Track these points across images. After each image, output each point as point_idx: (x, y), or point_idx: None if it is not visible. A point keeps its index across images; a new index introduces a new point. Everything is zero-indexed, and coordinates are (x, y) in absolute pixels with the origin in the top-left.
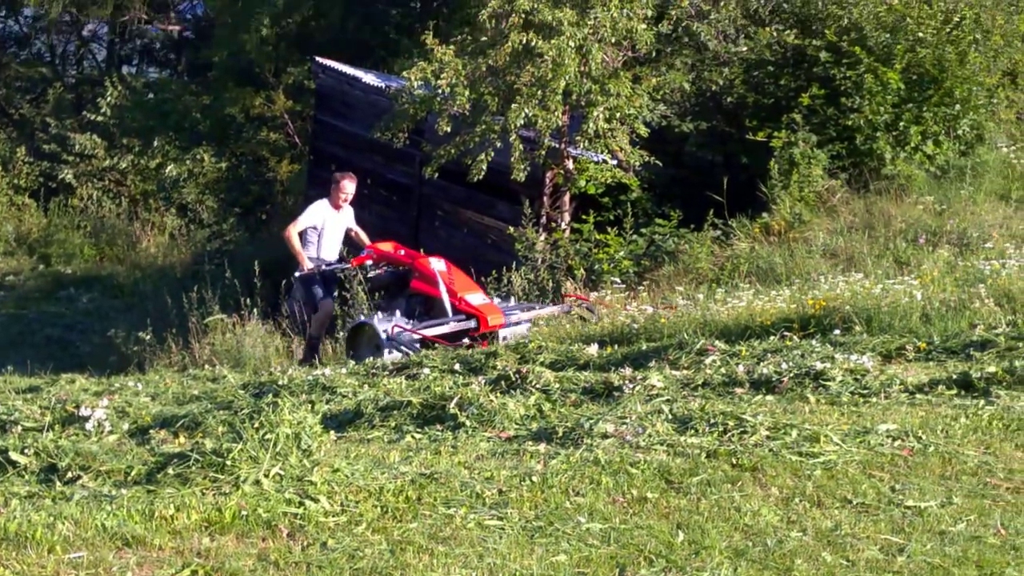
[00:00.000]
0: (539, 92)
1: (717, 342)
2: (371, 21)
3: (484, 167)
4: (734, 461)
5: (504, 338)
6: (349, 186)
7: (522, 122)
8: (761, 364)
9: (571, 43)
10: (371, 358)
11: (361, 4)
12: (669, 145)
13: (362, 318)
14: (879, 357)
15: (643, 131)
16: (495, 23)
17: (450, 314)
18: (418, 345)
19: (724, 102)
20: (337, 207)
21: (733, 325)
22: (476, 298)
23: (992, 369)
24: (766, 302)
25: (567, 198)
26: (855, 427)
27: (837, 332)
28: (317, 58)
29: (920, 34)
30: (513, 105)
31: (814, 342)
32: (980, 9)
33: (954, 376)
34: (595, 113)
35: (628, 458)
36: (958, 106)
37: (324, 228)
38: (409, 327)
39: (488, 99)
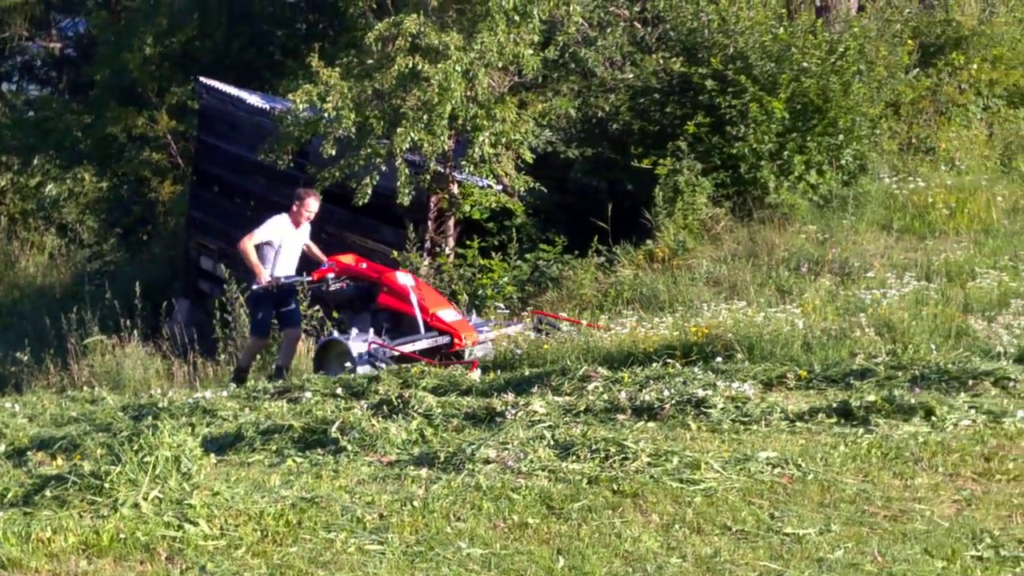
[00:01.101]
0: (425, 116)
1: (600, 368)
2: (256, 42)
3: (369, 191)
4: (615, 487)
5: (470, 353)
6: (314, 204)
7: (408, 146)
8: (643, 391)
9: (457, 67)
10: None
11: (246, 24)
12: (554, 171)
13: (335, 335)
14: (760, 385)
15: (528, 157)
16: (381, 46)
17: (422, 330)
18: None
19: (610, 128)
20: (297, 225)
21: (616, 352)
22: (448, 314)
23: (872, 398)
24: (649, 329)
25: (452, 223)
26: (735, 454)
27: (719, 360)
28: (201, 78)
29: (805, 64)
30: (399, 129)
31: (696, 369)
32: (864, 40)
33: (834, 404)
34: (481, 138)
35: (509, 483)
36: (841, 136)
37: (282, 245)
38: (388, 344)
39: (374, 122)
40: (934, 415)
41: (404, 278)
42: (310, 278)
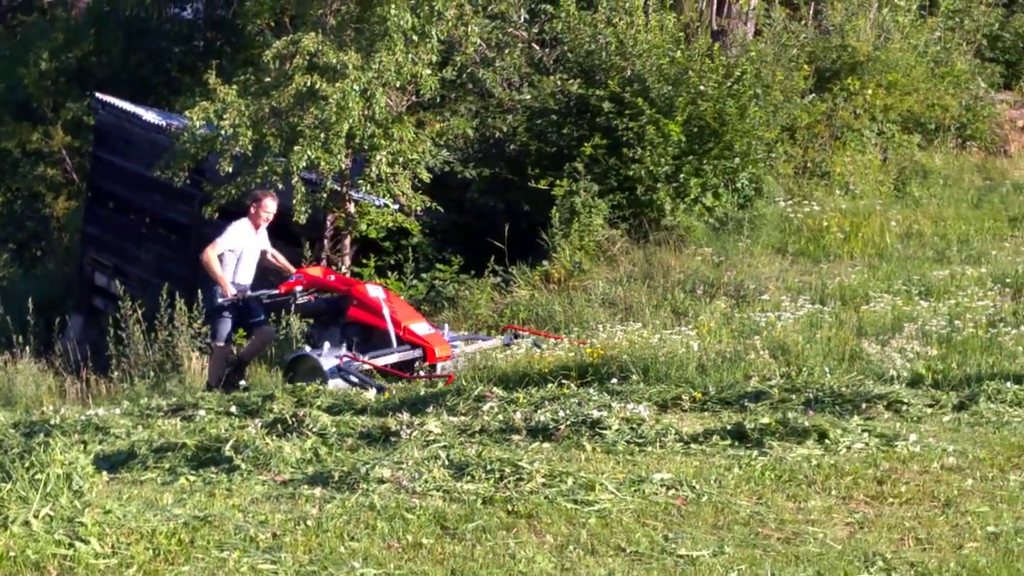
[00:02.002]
0: (322, 134)
1: (495, 389)
2: (153, 58)
3: None
4: (510, 508)
5: (443, 368)
6: (271, 204)
7: (304, 164)
8: (538, 411)
9: (355, 86)
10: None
11: (143, 41)
12: (451, 191)
13: (306, 349)
14: (655, 406)
15: (426, 176)
16: (279, 64)
17: (394, 344)
18: (372, 377)
19: (507, 149)
20: (256, 227)
21: (511, 372)
22: (421, 327)
23: (766, 420)
24: (545, 350)
25: (348, 241)
26: (630, 476)
27: (614, 381)
28: (97, 94)
29: (702, 87)
30: (296, 147)
31: (591, 390)
32: (761, 65)
33: (728, 427)
34: (378, 157)
35: (404, 503)
36: (737, 159)
37: (243, 251)
38: (363, 358)
39: (271, 140)
40: (827, 438)
41: (375, 291)
42: (277, 291)
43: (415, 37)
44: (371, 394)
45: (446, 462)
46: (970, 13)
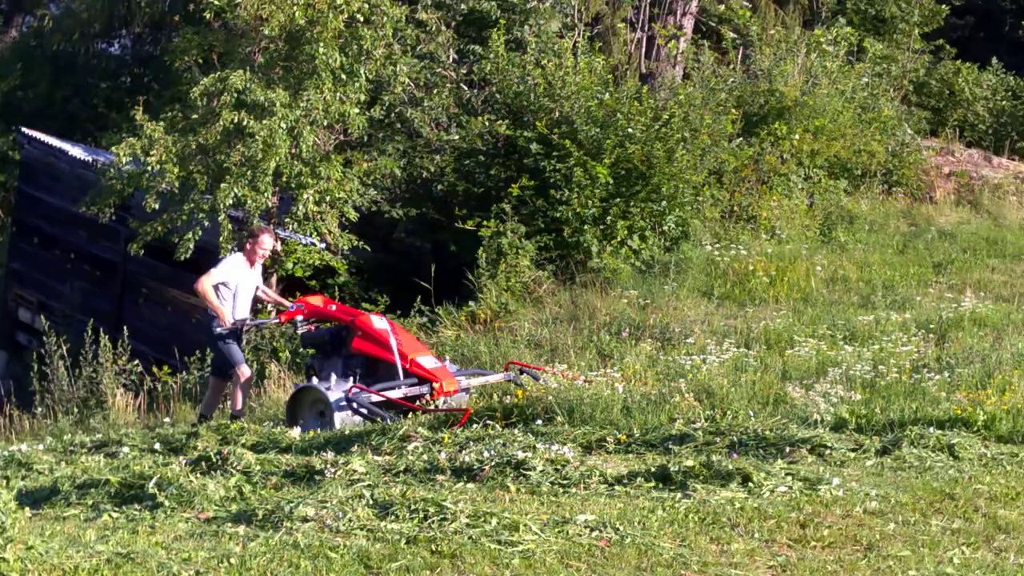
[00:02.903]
0: (249, 172)
1: (420, 429)
2: (80, 93)
3: (191, 246)
4: (433, 548)
5: (445, 401)
6: (268, 241)
7: (231, 201)
8: (463, 452)
9: (283, 124)
10: (316, 425)
11: (71, 76)
12: (378, 230)
13: (314, 382)
14: (580, 448)
15: (352, 215)
16: (207, 101)
17: (400, 377)
18: (384, 410)
19: (434, 189)
20: (252, 263)
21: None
22: (428, 361)
23: (690, 463)
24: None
25: (274, 280)
26: (554, 517)
27: (539, 422)
28: (23, 129)
29: (630, 130)
30: (223, 184)
31: (516, 431)
32: (689, 108)
33: (653, 469)
34: (305, 195)
35: (328, 542)
36: (664, 202)
37: (239, 286)
38: (371, 389)
39: (197, 177)
40: (751, 481)
41: (380, 322)
42: (277, 320)
43: (343, 76)
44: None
45: (370, 501)
46: (897, 60)
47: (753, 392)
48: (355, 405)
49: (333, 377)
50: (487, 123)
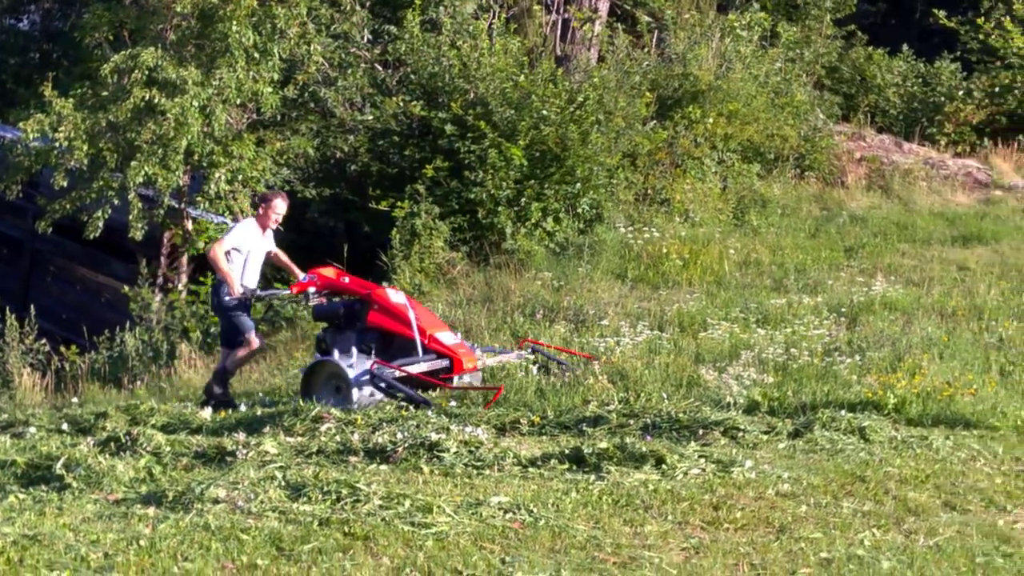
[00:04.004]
0: (160, 150)
1: (333, 410)
2: None
3: (100, 224)
4: (346, 529)
5: (460, 377)
6: (281, 206)
7: (141, 180)
8: (376, 433)
9: (195, 102)
10: (332, 401)
11: None
12: (291, 210)
13: (335, 356)
14: (494, 430)
15: None
16: (117, 78)
17: (420, 353)
18: (411, 387)
19: (348, 170)
20: (264, 229)
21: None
22: (447, 337)
23: (603, 445)
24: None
25: (185, 259)
26: (468, 499)
27: (453, 404)
28: None
29: (544, 112)
30: (133, 162)
31: (430, 413)
32: (603, 91)
33: (566, 451)
34: (217, 174)
35: (239, 524)
36: (579, 184)
37: (250, 252)
38: (395, 365)
39: (107, 155)
40: (664, 463)
41: (396, 296)
42: (288, 291)
43: (256, 54)
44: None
45: (282, 483)
46: (810, 45)
47: (667, 374)
48: (378, 382)
49: (353, 352)
50: (401, 104)
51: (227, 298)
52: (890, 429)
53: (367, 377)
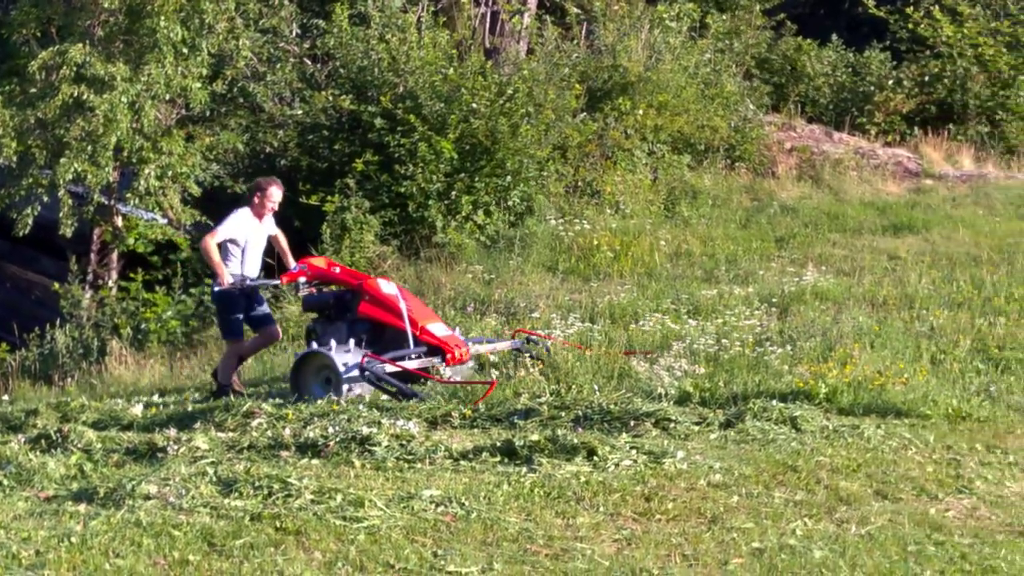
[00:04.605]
0: (89, 147)
1: (264, 405)
2: None
3: (30, 221)
4: (278, 524)
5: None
6: (277, 193)
7: (71, 177)
8: (308, 428)
9: (124, 99)
10: (320, 394)
11: None
12: (221, 205)
13: (332, 347)
14: (425, 423)
15: (195, 190)
16: (45, 75)
17: (411, 345)
18: (405, 382)
19: (278, 164)
20: (260, 217)
21: (285, 387)
22: (438, 328)
23: (535, 437)
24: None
25: (115, 255)
26: (399, 492)
27: (384, 397)
28: None
29: (474, 105)
30: (62, 159)
31: (361, 407)
32: (533, 83)
33: (498, 443)
34: (147, 170)
35: (171, 520)
36: (509, 177)
37: (248, 241)
38: (385, 358)
39: (36, 152)
40: (596, 455)
41: (388, 286)
42: (278, 281)
43: (185, 50)
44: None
45: (214, 478)
46: (739, 36)
47: (598, 366)
48: (368, 375)
49: (345, 343)
50: (331, 98)
51: (216, 288)
52: (821, 419)
53: (357, 370)
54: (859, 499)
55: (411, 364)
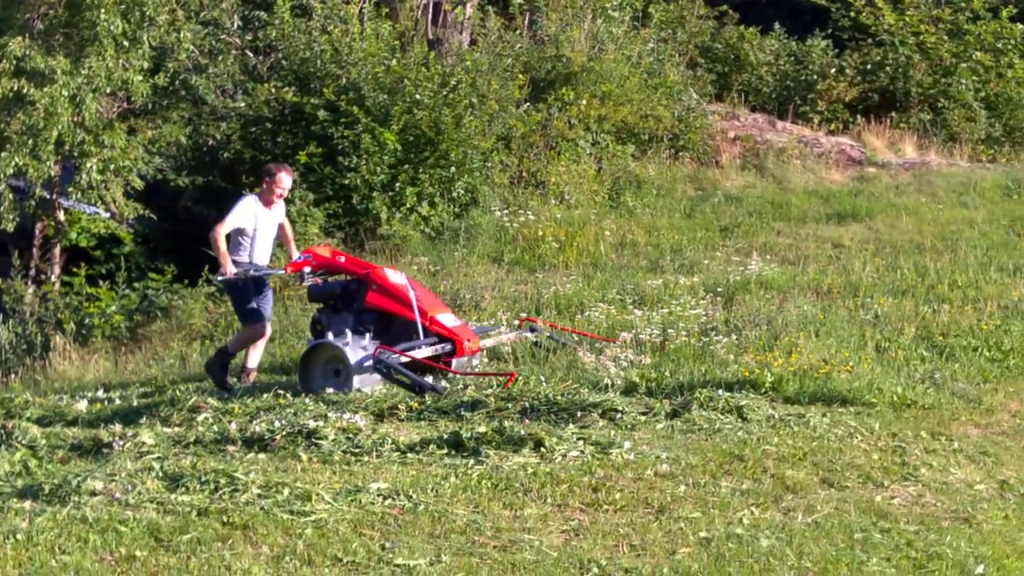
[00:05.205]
0: (30, 141)
1: (210, 399)
2: None
3: None
4: (225, 519)
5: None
6: (286, 179)
7: (12, 171)
8: (254, 422)
9: (64, 92)
10: (329, 386)
11: None
12: (164, 199)
13: (348, 338)
14: (372, 416)
15: (138, 184)
16: None
17: (421, 336)
18: (419, 372)
19: (221, 157)
20: (269, 204)
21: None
22: (448, 319)
23: (482, 429)
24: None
25: (57, 250)
26: (347, 485)
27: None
28: None
29: (417, 96)
30: (3, 154)
31: (307, 400)
32: (476, 74)
33: (445, 436)
34: (88, 164)
35: (117, 516)
36: (453, 168)
37: (257, 230)
38: (398, 350)
39: None
40: (543, 446)
41: (395, 276)
42: (283, 271)
43: (126, 42)
44: (427, 393)
45: (160, 473)
46: (683, 25)
47: (544, 357)
48: (381, 366)
49: (350, 335)
50: (273, 90)
51: (219, 277)
52: (767, 408)
53: (370, 361)
54: (805, 487)
55: (422, 354)
